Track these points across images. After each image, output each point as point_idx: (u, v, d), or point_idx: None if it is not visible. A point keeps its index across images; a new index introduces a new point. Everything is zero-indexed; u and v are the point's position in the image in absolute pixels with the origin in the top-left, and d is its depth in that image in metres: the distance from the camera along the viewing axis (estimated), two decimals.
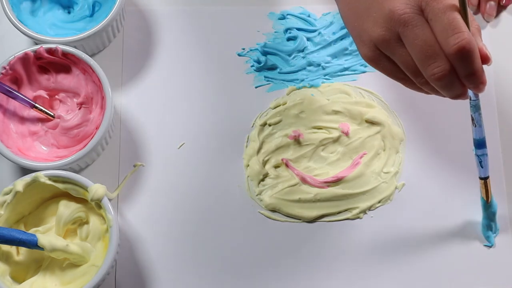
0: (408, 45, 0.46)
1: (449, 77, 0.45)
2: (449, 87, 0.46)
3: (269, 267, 0.61)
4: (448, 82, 0.45)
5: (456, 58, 0.44)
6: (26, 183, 0.57)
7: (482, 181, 0.57)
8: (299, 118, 0.65)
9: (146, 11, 0.69)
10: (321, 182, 0.63)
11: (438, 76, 0.45)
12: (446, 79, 0.45)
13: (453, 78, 0.45)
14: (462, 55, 0.44)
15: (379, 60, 0.49)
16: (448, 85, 0.45)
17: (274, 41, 0.68)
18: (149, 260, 0.62)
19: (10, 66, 0.62)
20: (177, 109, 0.66)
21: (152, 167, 0.64)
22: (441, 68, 0.44)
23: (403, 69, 0.48)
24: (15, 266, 0.58)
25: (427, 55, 0.45)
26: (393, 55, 0.47)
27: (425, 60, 0.45)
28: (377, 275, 0.61)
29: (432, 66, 0.45)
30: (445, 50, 0.44)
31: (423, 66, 0.45)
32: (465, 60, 0.44)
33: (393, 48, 0.47)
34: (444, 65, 0.44)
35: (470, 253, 0.61)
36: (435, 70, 0.45)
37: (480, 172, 0.56)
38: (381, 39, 0.47)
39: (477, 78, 0.45)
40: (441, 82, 0.45)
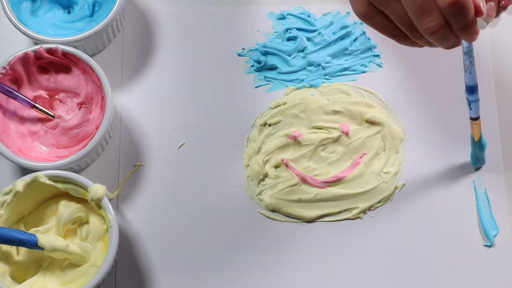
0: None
1: (443, 30, 0.45)
2: (444, 40, 0.46)
3: (269, 267, 0.61)
4: (443, 35, 0.45)
5: (450, 12, 0.44)
6: (26, 183, 0.57)
7: (472, 121, 0.58)
8: (299, 118, 0.65)
9: (146, 11, 0.69)
10: (321, 182, 0.63)
11: (433, 30, 0.45)
12: (440, 33, 0.45)
13: (447, 30, 0.45)
14: (455, 9, 0.43)
15: (372, 16, 0.48)
16: (442, 38, 0.45)
17: (274, 41, 0.68)
18: (149, 260, 0.61)
19: (10, 66, 0.62)
20: (177, 109, 0.66)
21: (152, 167, 0.64)
22: (435, 22, 0.44)
23: (398, 24, 0.47)
24: (15, 266, 0.58)
25: (422, 9, 0.44)
26: (387, 9, 0.47)
27: (419, 14, 0.44)
28: (377, 275, 0.61)
29: (426, 20, 0.44)
30: (439, 3, 0.44)
31: (417, 20, 0.45)
32: (458, 14, 0.44)
33: (386, 2, 0.46)
34: (438, 19, 0.44)
35: (470, 253, 0.61)
36: (429, 24, 0.44)
37: (470, 113, 0.57)
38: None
39: (470, 30, 0.45)
40: (435, 35, 0.45)
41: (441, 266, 0.61)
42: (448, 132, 0.65)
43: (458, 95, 0.66)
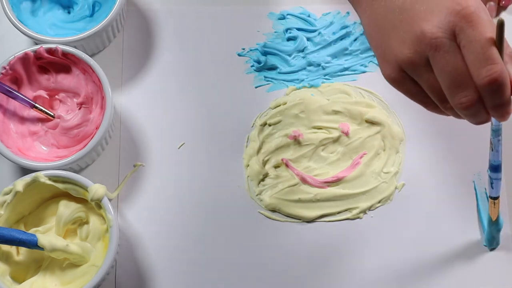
0: (437, 70, 0.44)
1: (476, 107, 0.43)
2: (474, 116, 0.44)
3: (269, 267, 0.61)
4: (474, 112, 0.44)
5: (486, 90, 0.42)
6: (26, 183, 0.57)
7: (492, 200, 0.57)
8: (299, 118, 0.65)
9: (146, 11, 0.69)
10: (321, 182, 0.63)
11: (465, 106, 0.43)
12: (472, 109, 0.43)
13: (480, 107, 0.43)
14: (493, 88, 0.42)
15: (403, 83, 0.47)
16: (474, 113, 0.44)
17: (274, 41, 0.68)
18: (149, 260, 0.61)
19: (10, 66, 0.62)
20: (177, 109, 0.66)
21: (152, 167, 0.64)
22: (469, 98, 0.43)
23: (429, 94, 0.46)
24: (15, 266, 0.58)
25: (456, 83, 0.43)
26: (419, 78, 0.45)
27: (453, 88, 0.43)
28: (377, 275, 0.61)
29: (460, 95, 0.43)
30: (476, 80, 0.42)
31: (450, 94, 0.44)
32: (495, 93, 0.42)
33: (420, 71, 0.45)
34: (472, 95, 0.43)
35: (470, 253, 0.61)
36: (462, 100, 0.43)
37: (491, 192, 0.57)
38: (408, 61, 0.44)
39: (503, 109, 0.43)
40: (467, 111, 0.44)
41: (441, 266, 0.61)
42: (448, 132, 0.65)
43: None
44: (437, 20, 0.43)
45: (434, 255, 0.61)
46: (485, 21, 0.42)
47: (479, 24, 0.42)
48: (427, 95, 0.46)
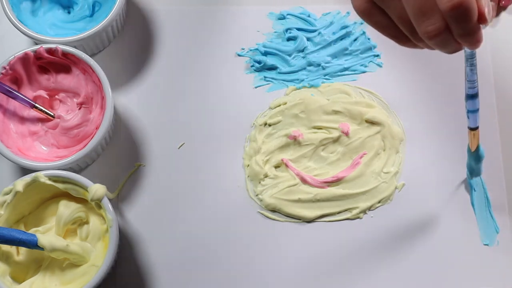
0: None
1: (443, 35, 0.42)
2: (444, 45, 0.43)
3: (269, 267, 0.61)
4: (443, 40, 0.42)
5: (450, 16, 0.41)
6: (26, 183, 0.57)
7: (471, 131, 0.56)
8: (299, 118, 0.65)
9: (146, 11, 0.69)
10: (321, 182, 0.63)
11: (432, 35, 0.42)
12: (440, 37, 0.42)
13: (448, 36, 0.42)
14: (456, 14, 0.40)
15: (372, 14, 0.45)
16: (442, 43, 0.42)
17: (274, 41, 0.68)
18: (149, 260, 0.62)
19: (10, 66, 0.62)
20: (177, 109, 0.66)
21: (152, 167, 0.64)
22: (435, 26, 0.41)
23: (398, 24, 0.44)
24: (15, 266, 0.58)
25: (422, 10, 0.41)
26: (388, 7, 0.44)
27: (419, 16, 0.41)
28: (377, 275, 0.61)
29: (426, 23, 0.41)
30: (439, 6, 0.41)
31: (417, 22, 0.42)
32: (459, 19, 0.40)
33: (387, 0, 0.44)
34: (438, 22, 0.41)
35: (470, 253, 0.61)
36: (429, 28, 0.42)
37: (468, 122, 0.55)
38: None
39: (472, 37, 0.42)
40: (435, 40, 0.42)
41: (441, 265, 0.61)
42: (448, 131, 0.65)
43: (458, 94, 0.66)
44: None
45: (434, 255, 0.61)
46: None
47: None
48: (397, 27, 0.45)
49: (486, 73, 0.67)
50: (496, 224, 0.62)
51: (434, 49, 0.45)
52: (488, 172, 0.63)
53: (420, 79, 0.67)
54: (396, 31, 0.45)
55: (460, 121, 0.64)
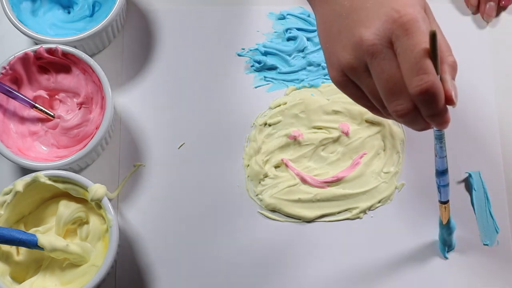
0: (374, 77, 0.44)
1: (411, 115, 0.43)
2: (412, 123, 0.44)
3: (268, 267, 0.61)
4: (411, 119, 0.44)
5: (419, 99, 0.42)
6: (26, 183, 0.57)
7: (442, 204, 0.56)
8: (299, 118, 0.65)
9: (146, 11, 0.69)
10: (321, 182, 0.63)
11: (401, 114, 0.43)
12: (408, 117, 0.43)
13: (416, 115, 0.43)
14: (424, 98, 0.42)
15: (347, 86, 0.47)
16: (411, 121, 0.44)
17: (274, 41, 0.68)
18: (149, 260, 0.62)
19: (10, 66, 0.62)
20: (177, 109, 0.66)
21: (152, 167, 0.64)
22: (403, 107, 0.43)
23: (370, 98, 0.46)
24: (15, 266, 0.58)
25: (392, 91, 0.43)
26: (361, 83, 0.46)
27: (389, 96, 0.43)
28: (377, 275, 0.61)
29: (395, 103, 0.43)
30: (409, 89, 0.42)
31: (387, 101, 0.44)
32: (427, 103, 0.42)
33: (360, 76, 0.45)
34: (406, 103, 0.43)
35: (470, 253, 0.61)
36: (397, 108, 0.43)
37: (439, 197, 0.56)
38: (349, 66, 0.45)
39: (439, 119, 0.43)
40: (403, 118, 0.44)
41: (441, 265, 0.61)
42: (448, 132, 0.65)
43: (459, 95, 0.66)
44: (375, 27, 0.43)
45: (434, 255, 0.61)
46: (421, 31, 0.42)
47: (414, 33, 0.41)
48: (370, 100, 0.46)
49: (486, 73, 0.67)
50: (496, 224, 0.62)
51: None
52: (488, 172, 0.63)
53: None
54: (369, 104, 0.47)
55: (460, 121, 0.65)
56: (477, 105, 0.66)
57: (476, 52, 0.68)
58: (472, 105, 0.66)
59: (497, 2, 0.68)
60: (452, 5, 0.69)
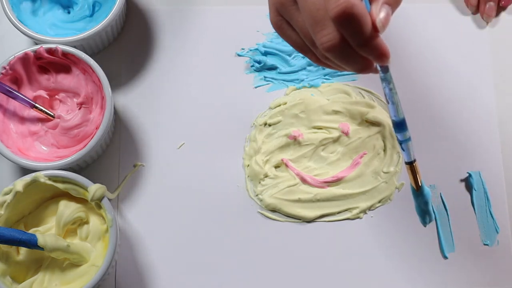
0: (300, 8, 0.40)
1: (340, 47, 0.38)
2: (345, 59, 0.39)
3: (268, 267, 0.61)
4: (342, 53, 0.39)
5: (338, 24, 0.37)
6: (26, 183, 0.57)
7: (407, 166, 0.46)
8: (299, 118, 0.65)
9: (146, 11, 0.69)
10: (321, 182, 0.63)
11: (327, 46, 0.39)
12: (337, 50, 0.39)
13: (347, 48, 0.39)
14: (342, 21, 0.37)
15: (282, 28, 0.44)
16: (342, 56, 0.39)
17: (274, 41, 0.68)
18: (149, 260, 0.62)
19: (10, 66, 0.62)
20: (177, 109, 0.66)
21: (152, 167, 0.64)
22: (329, 37, 0.38)
23: (302, 37, 0.42)
24: (15, 266, 0.58)
25: (316, 20, 0.39)
26: (291, 20, 0.42)
27: (314, 27, 0.39)
28: (377, 274, 0.61)
29: (320, 33, 0.39)
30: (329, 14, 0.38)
31: (313, 34, 0.39)
32: (348, 27, 0.37)
33: (289, 12, 0.42)
34: (332, 32, 0.38)
35: (470, 253, 0.61)
36: (323, 39, 0.39)
37: (404, 156, 0.46)
38: (278, 1, 0.42)
39: (371, 48, 0.38)
40: (332, 53, 0.39)
41: (441, 265, 0.61)
42: (448, 132, 0.65)
43: (458, 95, 0.66)
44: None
45: (434, 255, 0.61)
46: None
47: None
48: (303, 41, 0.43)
49: (486, 73, 0.67)
50: (496, 224, 0.62)
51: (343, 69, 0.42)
52: (488, 172, 0.63)
53: (420, 79, 0.67)
54: (304, 45, 0.44)
55: (460, 121, 0.65)
56: (477, 105, 0.66)
57: (476, 52, 0.68)
58: (472, 105, 0.66)
59: (497, 2, 0.68)
60: (452, 5, 0.69)
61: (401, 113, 0.44)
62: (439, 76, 0.67)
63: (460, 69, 0.67)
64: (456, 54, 0.68)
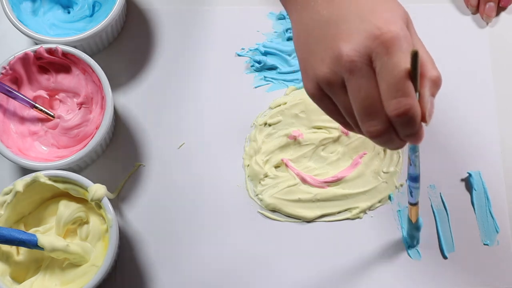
0: (350, 94, 0.42)
1: (385, 136, 0.42)
2: (386, 144, 0.43)
3: (268, 267, 0.61)
4: (385, 140, 0.43)
5: (396, 122, 0.41)
6: (26, 183, 0.57)
7: (410, 206, 0.55)
8: (299, 118, 0.65)
9: (146, 11, 0.69)
10: (321, 182, 0.63)
11: (374, 135, 0.42)
12: (382, 138, 0.42)
13: (391, 136, 0.42)
14: (401, 121, 0.41)
15: (321, 100, 0.45)
16: (385, 142, 0.43)
17: (274, 41, 0.68)
18: (149, 260, 0.62)
19: (10, 66, 0.62)
20: (177, 109, 0.66)
21: (152, 167, 0.64)
22: (377, 128, 0.42)
23: (344, 115, 0.44)
24: (15, 266, 0.58)
25: (367, 111, 0.42)
26: (336, 99, 0.44)
27: (364, 115, 0.42)
28: (377, 275, 0.61)
29: (369, 123, 0.42)
30: (386, 110, 0.41)
31: (361, 121, 0.42)
32: (405, 125, 0.41)
33: (335, 92, 0.43)
34: (381, 125, 0.42)
35: (470, 253, 0.61)
36: (371, 129, 0.42)
37: (410, 199, 0.54)
38: (325, 80, 0.43)
39: (416, 137, 0.42)
40: (376, 140, 0.43)
41: (441, 265, 0.61)
42: (448, 132, 0.65)
43: (458, 94, 0.66)
44: (355, 43, 0.41)
45: (434, 255, 0.61)
46: (403, 50, 0.40)
47: (395, 53, 0.40)
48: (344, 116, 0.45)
49: (486, 73, 0.67)
50: (496, 224, 0.62)
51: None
52: (488, 172, 0.63)
53: None
54: (343, 120, 0.45)
55: (460, 121, 0.65)
56: (477, 105, 0.66)
57: (476, 52, 0.68)
58: (472, 105, 0.66)
59: (497, 2, 0.68)
60: (452, 5, 0.69)
61: (419, 171, 0.50)
62: None
63: (460, 69, 0.67)
64: (456, 54, 0.68)
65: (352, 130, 0.46)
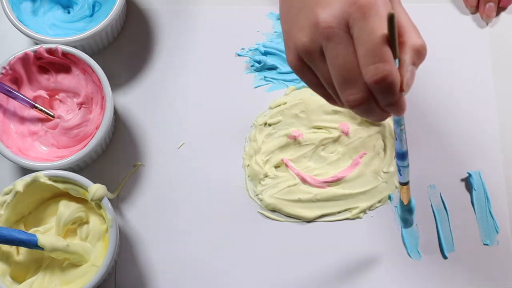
0: (329, 62, 0.41)
1: (365, 105, 0.41)
2: (367, 113, 0.42)
3: (269, 267, 0.61)
4: (365, 110, 0.41)
5: (374, 88, 0.40)
6: (26, 183, 0.57)
7: (401, 186, 0.53)
8: (299, 118, 0.65)
9: (146, 11, 0.69)
10: (321, 182, 0.63)
11: (353, 104, 0.41)
12: (362, 107, 0.41)
13: (371, 105, 0.41)
14: (380, 87, 0.39)
15: (303, 71, 0.44)
16: (365, 111, 0.42)
17: (274, 41, 0.68)
18: (149, 260, 0.62)
19: (10, 66, 0.62)
20: (177, 109, 0.66)
21: (152, 167, 0.64)
22: (356, 97, 0.41)
23: (325, 86, 0.44)
24: (15, 266, 0.58)
25: (345, 78, 0.40)
26: (315, 68, 0.43)
27: (341, 84, 0.41)
28: (377, 274, 0.61)
29: (347, 92, 0.41)
30: (364, 77, 0.40)
31: (339, 89, 0.41)
32: (384, 92, 0.40)
33: (315, 61, 0.42)
34: (360, 93, 0.40)
35: (470, 253, 0.61)
36: (350, 97, 0.41)
37: (400, 178, 0.52)
38: (304, 49, 0.42)
39: (396, 107, 0.41)
40: (356, 109, 0.41)
41: (441, 265, 0.61)
42: (448, 131, 0.65)
43: (458, 94, 0.66)
44: (333, 9, 0.40)
45: (434, 255, 0.61)
46: (380, 15, 0.39)
47: (372, 17, 0.39)
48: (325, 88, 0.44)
49: (486, 73, 0.67)
50: (496, 224, 0.62)
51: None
52: (488, 172, 0.63)
53: (420, 79, 0.67)
54: (326, 92, 0.45)
55: (460, 121, 0.65)
56: (477, 105, 0.66)
57: (476, 52, 0.68)
58: (472, 105, 0.66)
59: (497, 2, 0.68)
60: (452, 5, 0.69)
61: (405, 146, 0.48)
62: (438, 76, 0.67)
63: (459, 69, 0.67)
64: (456, 54, 0.68)
65: (334, 103, 0.45)
